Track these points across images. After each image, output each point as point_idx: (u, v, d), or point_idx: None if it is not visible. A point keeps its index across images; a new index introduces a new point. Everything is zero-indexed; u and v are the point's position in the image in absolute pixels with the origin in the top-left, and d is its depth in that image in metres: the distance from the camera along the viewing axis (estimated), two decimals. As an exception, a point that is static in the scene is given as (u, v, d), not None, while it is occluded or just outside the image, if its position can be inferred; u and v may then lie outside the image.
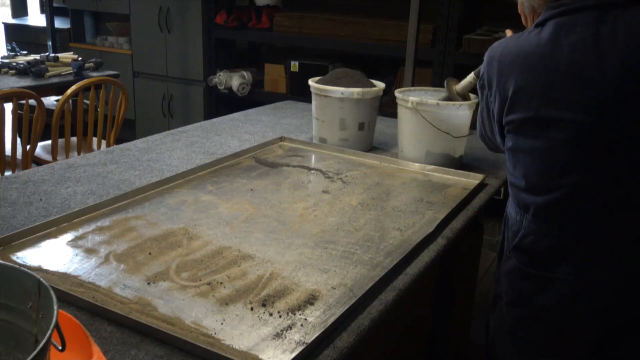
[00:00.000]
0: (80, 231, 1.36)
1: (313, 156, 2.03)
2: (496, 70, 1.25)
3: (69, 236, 1.33)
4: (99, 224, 1.40)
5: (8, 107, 2.84)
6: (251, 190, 1.67)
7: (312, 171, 1.87)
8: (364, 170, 1.89)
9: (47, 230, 1.34)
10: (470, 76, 1.84)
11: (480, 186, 1.77)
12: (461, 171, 1.85)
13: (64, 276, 1.15)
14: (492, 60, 1.28)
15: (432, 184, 1.78)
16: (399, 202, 1.63)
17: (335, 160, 1.96)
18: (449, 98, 1.90)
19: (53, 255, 1.24)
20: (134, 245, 1.29)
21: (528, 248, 1.27)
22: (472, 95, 1.90)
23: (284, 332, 1.01)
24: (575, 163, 1.18)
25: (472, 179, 1.81)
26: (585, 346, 1.26)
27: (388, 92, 3.18)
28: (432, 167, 1.89)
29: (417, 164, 1.91)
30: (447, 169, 1.87)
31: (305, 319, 1.05)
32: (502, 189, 2.07)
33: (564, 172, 1.19)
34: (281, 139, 2.17)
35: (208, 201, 1.57)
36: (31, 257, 1.23)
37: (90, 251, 1.26)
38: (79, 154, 3.19)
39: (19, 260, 1.20)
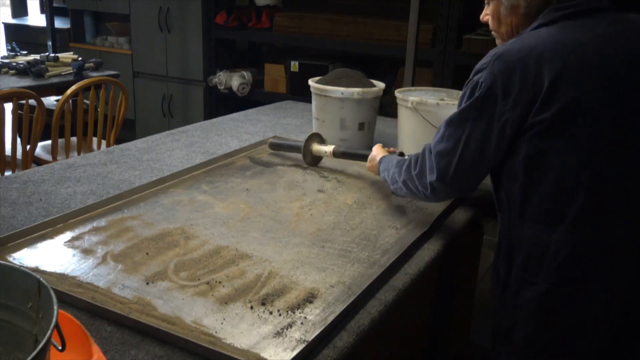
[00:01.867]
0: (77, 232, 1.36)
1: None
2: (519, 70, 1.15)
3: (65, 237, 1.33)
4: (94, 224, 1.40)
5: (8, 107, 2.84)
6: (246, 189, 1.67)
7: (307, 170, 1.87)
8: (361, 170, 1.88)
9: (43, 231, 1.34)
10: (328, 151, 1.84)
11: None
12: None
13: (62, 277, 1.15)
14: (507, 63, 1.17)
15: (432, 184, 1.78)
16: (395, 200, 1.63)
17: (332, 160, 1.96)
18: (304, 150, 1.88)
19: (50, 256, 1.24)
20: (131, 246, 1.29)
21: (561, 265, 1.19)
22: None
23: (285, 330, 1.01)
24: (610, 159, 1.15)
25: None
26: (597, 351, 1.23)
27: (388, 92, 3.17)
28: (431, 166, 1.88)
29: (416, 164, 1.90)
30: (447, 168, 1.86)
31: (305, 317, 1.05)
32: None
33: (599, 169, 1.15)
34: (274, 137, 2.16)
35: (204, 201, 1.57)
36: (28, 258, 1.23)
37: (87, 252, 1.26)
38: (79, 154, 3.19)
39: (15, 262, 1.20)
